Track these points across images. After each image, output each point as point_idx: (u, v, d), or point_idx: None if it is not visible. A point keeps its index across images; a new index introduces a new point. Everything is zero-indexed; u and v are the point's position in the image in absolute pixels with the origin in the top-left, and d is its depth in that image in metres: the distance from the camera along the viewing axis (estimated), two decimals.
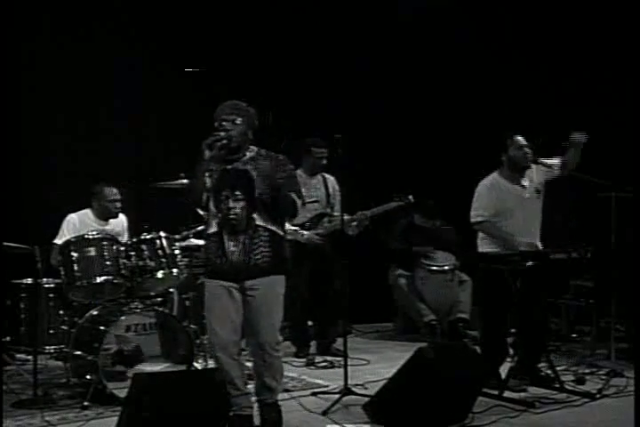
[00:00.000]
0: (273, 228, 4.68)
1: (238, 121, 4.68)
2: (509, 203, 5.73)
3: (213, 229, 4.71)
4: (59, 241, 5.96)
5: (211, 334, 4.75)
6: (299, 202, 4.74)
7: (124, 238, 6.19)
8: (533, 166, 5.80)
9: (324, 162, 6.71)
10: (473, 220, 5.75)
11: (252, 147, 4.79)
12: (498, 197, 5.73)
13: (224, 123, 4.67)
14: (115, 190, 6.18)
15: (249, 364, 5.69)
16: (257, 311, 4.67)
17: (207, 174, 4.65)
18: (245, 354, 6.12)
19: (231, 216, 4.63)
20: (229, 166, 4.72)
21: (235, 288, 4.67)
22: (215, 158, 4.65)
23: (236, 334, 4.74)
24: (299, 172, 6.22)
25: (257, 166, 4.71)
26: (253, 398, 4.84)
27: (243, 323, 4.74)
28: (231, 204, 4.65)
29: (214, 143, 4.61)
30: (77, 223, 6.10)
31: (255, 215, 4.65)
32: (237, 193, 4.66)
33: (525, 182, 5.79)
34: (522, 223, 5.72)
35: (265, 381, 4.76)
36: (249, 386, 4.90)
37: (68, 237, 5.85)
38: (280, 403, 4.95)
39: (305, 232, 6.59)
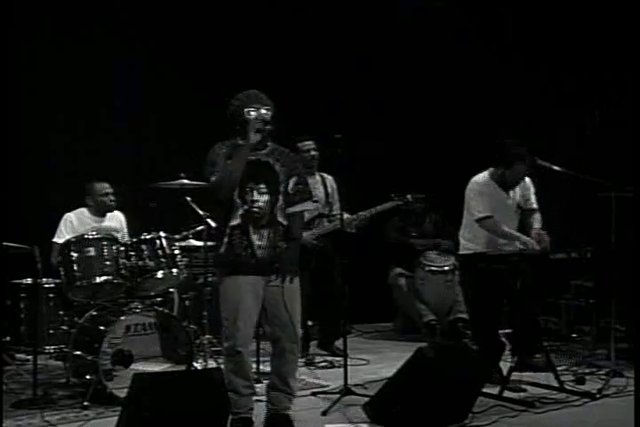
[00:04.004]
0: (286, 223, 4.64)
1: (271, 110, 4.61)
2: (494, 204, 5.84)
3: (237, 221, 4.56)
4: (58, 240, 6.00)
5: (233, 329, 4.55)
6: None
7: (125, 235, 6.22)
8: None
9: (314, 154, 6.65)
10: (478, 216, 5.81)
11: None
12: (490, 196, 5.84)
13: (263, 110, 4.57)
14: (106, 185, 6.25)
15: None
16: (280, 303, 4.56)
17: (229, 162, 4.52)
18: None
19: (254, 209, 4.54)
20: (253, 157, 4.59)
21: (259, 283, 4.58)
22: (256, 144, 4.54)
23: (254, 330, 4.71)
24: None
25: (278, 159, 4.65)
26: (263, 405, 4.81)
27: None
28: (255, 196, 4.55)
29: (264, 127, 4.52)
30: (75, 221, 6.17)
31: (275, 210, 4.60)
32: (261, 186, 4.57)
33: (511, 193, 5.93)
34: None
35: (286, 379, 4.66)
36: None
37: (67, 236, 5.89)
38: None
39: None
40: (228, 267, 4.62)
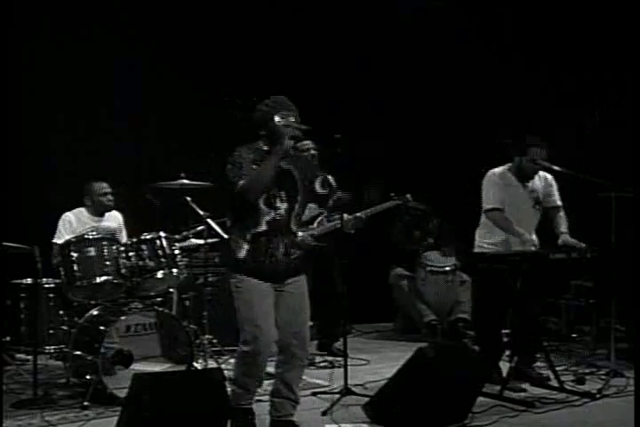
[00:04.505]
0: (296, 230, 4.68)
1: (297, 117, 4.62)
2: (511, 198, 5.80)
3: (262, 227, 4.54)
4: (58, 240, 6.00)
5: (254, 330, 4.48)
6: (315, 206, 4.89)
7: (123, 235, 6.22)
8: (539, 175, 5.91)
9: (314, 153, 6.60)
10: (487, 206, 5.80)
11: None
12: (505, 189, 5.81)
13: (292, 118, 4.58)
14: (104, 184, 6.26)
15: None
16: (293, 307, 4.61)
17: (254, 167, 4.50)
18: None
19: (277, 217, 4.56)
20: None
21: (273, 289, 4.58)
22: (287, 151, 4.55)
23: (275, 334, 4.64)
24: None
25: (296, 166, 4.69)
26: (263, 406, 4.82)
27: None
28: (278, 204, 4.58)
29: (298, 134, 4.54)
30: (74, 221, 6.18)
31: (291, 218, 4.63)
32: (282, 193, 4.59)
33: (530, 185, 5.88)
34: (519, 223, 5.76)
35: (291, 386, 4.64)
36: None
37: (66, 237, 5.89)
38: None
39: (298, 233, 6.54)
40: (247, 273, 4.57)
